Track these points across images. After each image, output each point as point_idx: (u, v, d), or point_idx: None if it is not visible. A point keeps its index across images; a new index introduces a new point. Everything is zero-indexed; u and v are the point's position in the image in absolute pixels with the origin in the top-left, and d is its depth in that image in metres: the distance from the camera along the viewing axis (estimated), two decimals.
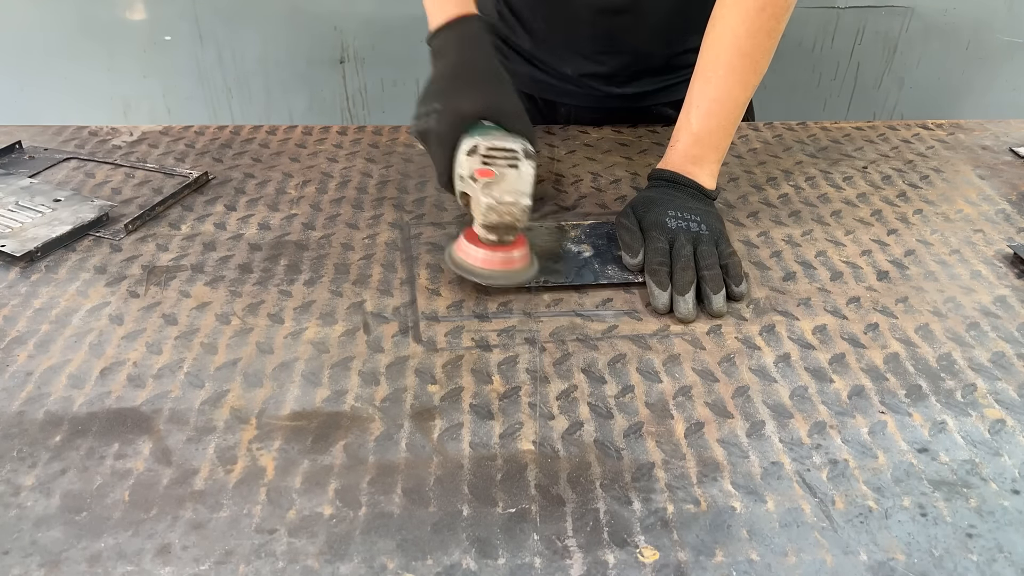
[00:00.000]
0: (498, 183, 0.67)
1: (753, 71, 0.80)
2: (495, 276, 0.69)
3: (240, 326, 0.67)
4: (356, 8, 1.53)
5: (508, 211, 0.67)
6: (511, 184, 0.67)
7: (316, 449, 0.55)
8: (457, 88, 0.73)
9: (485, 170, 0.68)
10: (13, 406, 0.59)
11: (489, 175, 0.67)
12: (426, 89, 0.76)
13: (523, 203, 0.67)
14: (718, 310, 0.69)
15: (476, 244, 0.70)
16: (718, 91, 0.80)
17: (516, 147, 0.69)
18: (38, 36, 1.53)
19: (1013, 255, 0.77)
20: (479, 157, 0.68)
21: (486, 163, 0.68)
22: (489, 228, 0.68)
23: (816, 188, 0.89)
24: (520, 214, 0.67)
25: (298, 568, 0.47)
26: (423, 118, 0.73)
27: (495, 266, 0.69)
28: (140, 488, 0.52)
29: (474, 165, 0.68)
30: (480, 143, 0.69)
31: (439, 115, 0.72)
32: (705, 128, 0.80)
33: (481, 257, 0.69)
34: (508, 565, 0.48)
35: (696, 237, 0.73)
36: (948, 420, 0.59)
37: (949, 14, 1.55)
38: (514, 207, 0.67)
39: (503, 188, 0.67)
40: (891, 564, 0.48)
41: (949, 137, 1.02)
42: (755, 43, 0.78)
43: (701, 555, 0.48)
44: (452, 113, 0.71)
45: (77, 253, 0.76)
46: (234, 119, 1.64)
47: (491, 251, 0.69)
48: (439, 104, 0.72)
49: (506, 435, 0.57)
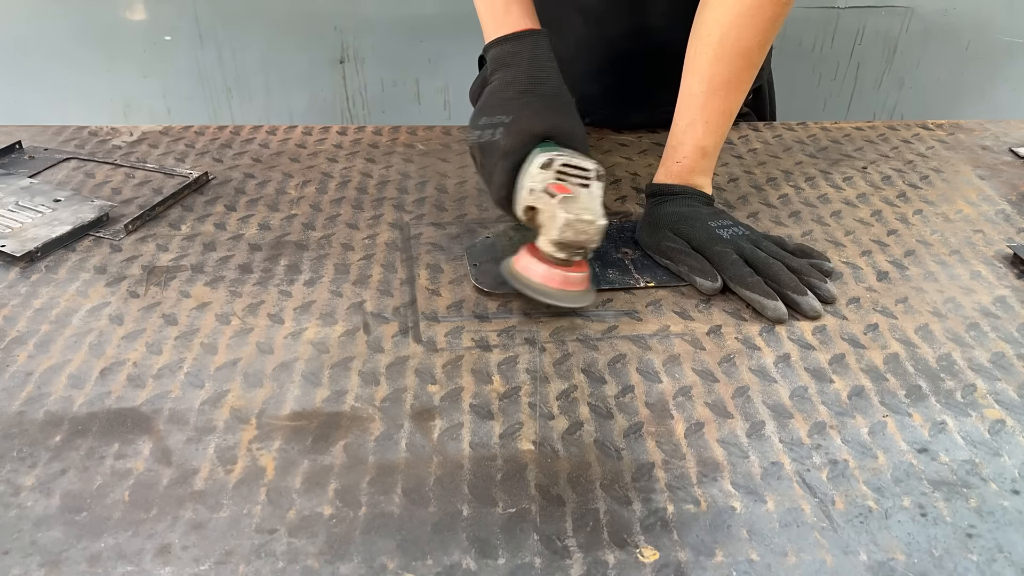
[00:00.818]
0: (575, 201, 0.65)
1: (754, 75, 0.79)
2: (555, 295, 0.67)
3: (240, 326, 0.67)
4: (356, 8, 1.53)
5: (585, 229, 0.65)
6: (587, 202, 0.66)
7: (316, 449, 0.55)
8: (528, 104, 0.71)
9: (562, 185, 0.66)
10: (13, 406, 0.59)
11: (567, 191, 0.65)
12: (489, 100, 0.74)
13: (600, 223, 0.65)
14: (832, 296, 0.70)
15: (539, 259, 0.67)
16: (726, 104, 0.78)
17: (590, 167, 0.67)
18: (38, 36, 1.53)
19: (1013, 255, 0.77)
20: (554, 172, 0.67)
21: (560, 179, 0.66)
22: (561, 245, 0.66)
23: (816, 188, 0.89)
24: (596, 234, 0.65)
25: (298, 568, 0.47)
26: (487, 130, 0.71)
27: (556, 285, 0.67)
28: (140, 488, 0.52)
29: (548, 179, 0.66)
30: (555, 158, 0.67)
31: (507, 128, 0.70)
32: (712, 143, 0.79)
33: (542, 273, 0.67)
34: (508, 565, 0.48)
35: (751, 239, 0.73)
36: (948, 420, 0.59)
37: (949, 14, 1.55)
38: (591, 226, 0.65)
39: (581, 206, 0.65)
40: (891, 564, 0.48)
41: (949, 137, 1.02)
42: (763, 54, 0.78)
43: (701, 555, 0.48)
44: (522, 128, 0.69)
45: (77, 253, 0.76)
46: (234, 119, 1.64)
47: (553, 268, 0.67)
48: (507, 118, 0.70)
49: (506, 435, 0.57)
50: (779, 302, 0.68)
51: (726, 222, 0.75)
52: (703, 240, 0.73)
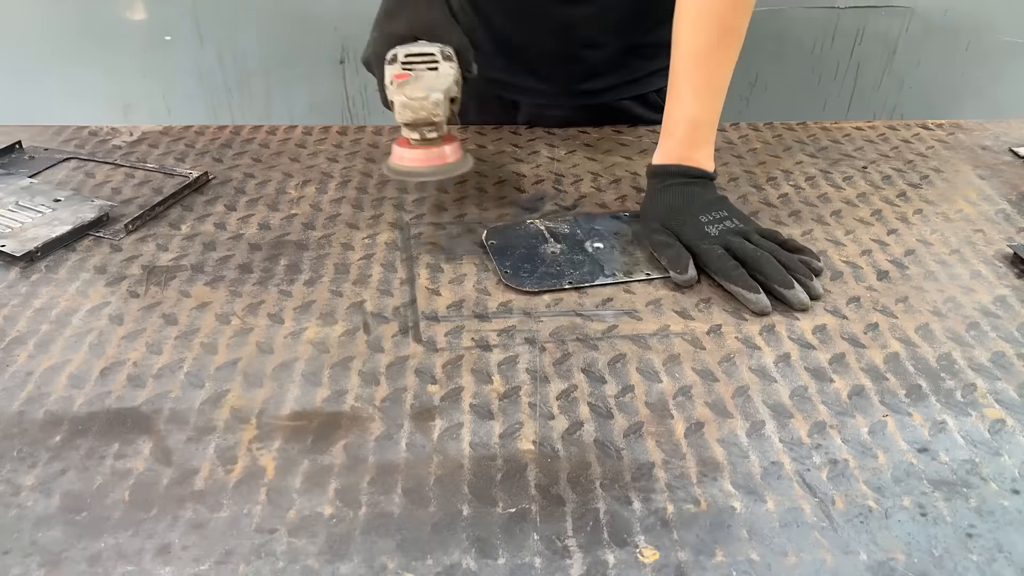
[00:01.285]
0: (411, 83, 0.70)
1: (738, 45, 0.79)
2: (425, 173, 0.72)
3: (240, 326, 0.67)
4: (356, 8, 1.53)
5: (421, 105, 0.69)
6: (424, 82, 0.70)
7: (316, 449, 0.55)
8: (391, 14, 0.78)
9: (402, 73, 0.71)
10: (13, 406, 0.59)
11: (404, 76, 0.71)
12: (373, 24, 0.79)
13: (434, 96, 0.69)
14: (818, 293, 0.70)
15: (405, 146, 0.73)
16: (710, 72, 0.79)
17: (434, 51, 0.72)
18: (38, 36, 1.53)
19: (1013, 255, 0.77)
20: (399, 64, 0.72)
21: (405, 68, 0.71)
22: (409, 127, 0.71)
23: (816, 188, 0.89)
24: (432, 107, 0.70)
25: (298, 568, 0.47)
26: (366, 48, 0.77)
27: (427, 163, 0.72)
28: (140, 488, 0.52)
29: (394, 71, 0.72)
30: (399, 51, 0.73)
31: (374, 40, 0.76)
32: (703, 113, 0.79)
33: (408, 156, 0.72)
34: (508, 565, 0.48)
35: (740, 232, 0.74)
36: (948, 420, 0.59)
37: (949, 14, 1.55)
38: (425, 100, 0.69)
39: (415, 86, 0.70)
40: (891, 564, 0.48)
41: (949, 137, 1.02)
42: (738, 15, 0.78)
43: (701, 555, 0.48)
44: (385, 35, 0.76)
45: (77, 253, 0.76)
46: (234, 119, 1.64)
47: (421, 150, 0.72)
48: (376, 31, 0.77)
49: (506, 435, 0.57)
50: (762, 294, 0.69)
51: (718, 214, 0.76)
52: (691, 238, 0.74)
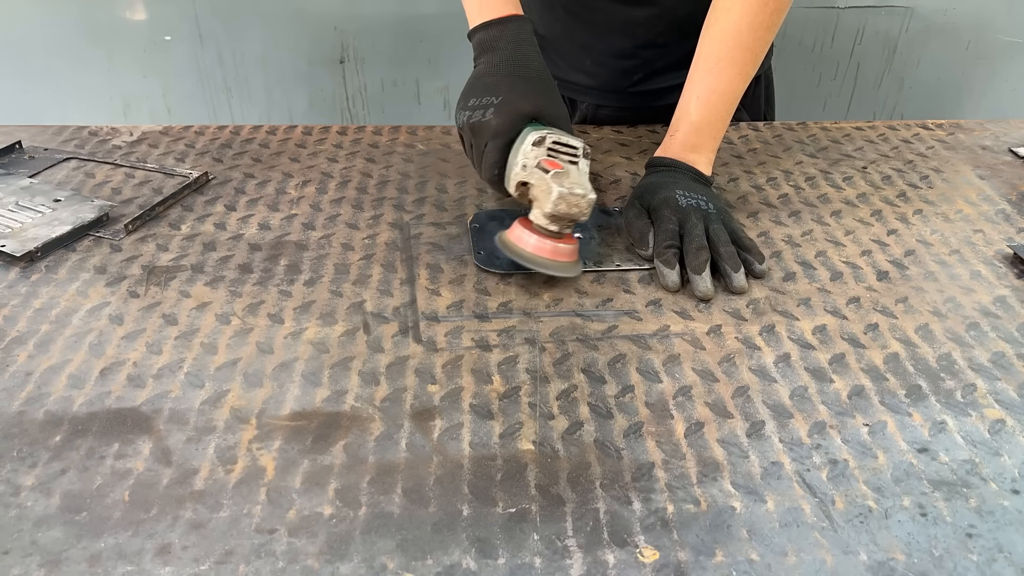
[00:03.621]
0: (567, 176, 0.70)
1: (752, 64, 0.81)
2: (547, 265, 0.71)
3: (240, 326, 0.67)
4: (356, 8, 1.53)
5: (576, 202, 0.69)
6: (577, 178, 0.70)
7: (316, 449, 0.55)
8: (515, 86, 0.75)
9: (554, 161, 0.70)
10: (13, 406, 0.59)
11: (558, 166, 0.70)
12: (476, 83, 0.77)
13: (590, 197, 0.69)
14: (740, 286, 0.71)
15: (530, 230, 0.72)
16: (719, 82, 0.81)
17: (578, 144, 0.72)
18: (38, 36, 1.54)
19: (1013, 255, 0.77)
20: (545, 148, 0.71)
21: (551, 156, 0.71)
22: (554, 218, 0.70)
23: (816, 188, 0.89)
24: (587, 207, 0.69)
25: (298, 568, 0.47)
26: (477, 111, 0.75)
27: (547, 255, 0.71)
28: (140, 488, 0.52)
29: (540, 155, 0.71)
30: (547, 135, 0.72)
31: (496, 109, 0.74)
32: (705, 118, 0.81)
33: (534, 244, 0.71)
34: (508, 565, 0.48)
35: (706, 215, 0.75)
36: (948, 420, 0.59)
37: (949, 14, 1.55)
38: (582, 199, 0.69)
39: (572, 180, 0.69)
40: (891, 564, 0.48)
41: (949, 137, 1.02)
42: (756, 37, 0.80)
43: (701, 555, 0.48)
44: (511, 108, 0.73)
45: (77, 253, 0.76)
46: (234, 119, 1.64)
47: (544, 239, 0.71)
48: (496, 99, 0.74)
49: (506, 435, 0.57)
50: (674, 272, 0.71)
51: (696, 195, 0.77)
52: (658, 205, 0.76)
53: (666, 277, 0.71)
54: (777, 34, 0.83)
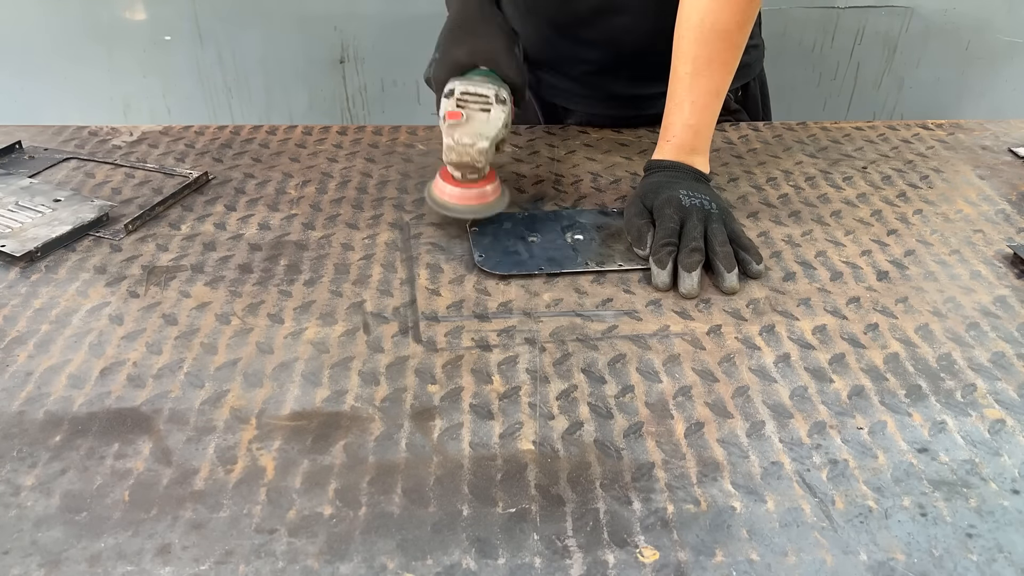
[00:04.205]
0: (462, 125, 0.72)
1: (738, 59, 0.82)
2: (457, 209, 0.75)
3: (240, 326, 0.67)
4: (356, 8, 1.53)
5: (465, 151, 0.71)
6: (475, 127, 0.72)
7: (316, 449, 0.55)
8: (455, 38, 0.79)
9: (454, 112, 0.73)
10: (13, 406, 0.59)
11: (456, 116, 0.72)
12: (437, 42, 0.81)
13: (480, 145, 0.71)
14: (730, 287, 0.71)
15: (449, 181, 0.75)
16: (712, 84, 0.81)
17: (489, 92, 0.74)
18: (38, 36, 1.53)
19: (1013, 255, 0.77)
20: (454, 100, 0.73)
21: (460, 106, 0.73)
22: (452, 167, 0.73)
23: (816, 188, 0.89)
24: (477, 155, 0.72)
25: (298, 568, 0.47)
26: (428, 67, 0.79)
27: (466, 201, 0.74)
28: (140, 488, 0.52)
29: (448, 107, 0.73)
30: (456, 86, 0.74)
31: (437, 63, 0.78)
32: (701, 121, 0.82)
33: (453, 193, 0.75)
34: (508, 565, 0.48)
35: (708, 215, 0.75)
36: (948, 420, 0.59)
37: (949, 14, 1.55)
38: (471, 148, 0.71)
39: (465, 130, 0.71)
40: (891, 564, 0.48)
41: (949, 137, 1.02)
42: (743, 34, 0.81)
43: (701, 555, 0.48)
44: (447, 60, 0.77)
45: (77, 253, 0.76)
46: (234, 119, 1.64)
47: (464, 188, 0.74)
48: (437, 54, 0.78)
49: (506, 435, 0.57)
50: (664, 272, 0.71)
51: (700, 194, 0.77)
52: (661, 204, 0.76)
53: (656, 277, 0.72)
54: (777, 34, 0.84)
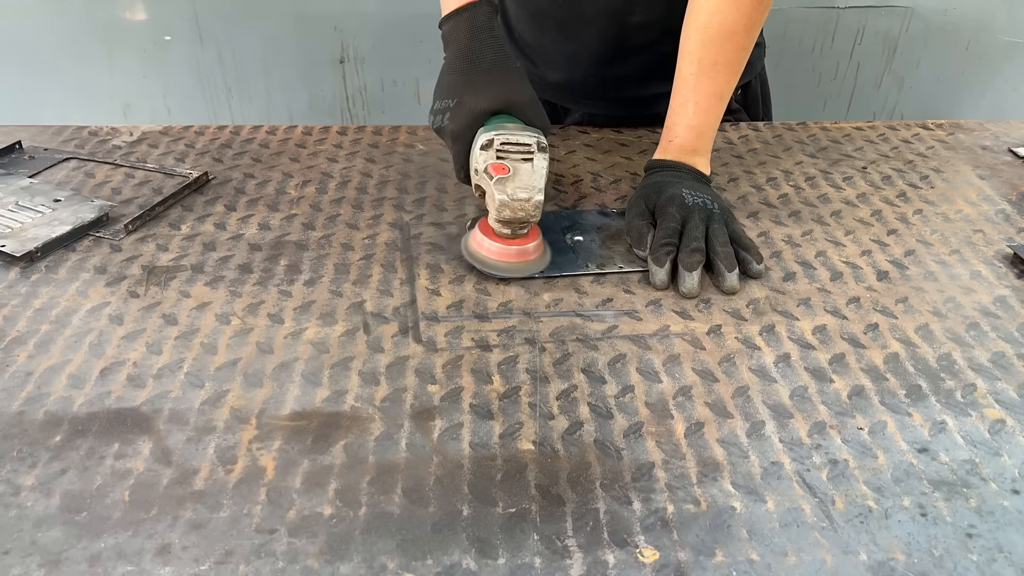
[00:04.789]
0: (512, 179, 0.69)
1: (744, 62, 0.82)
2: (510, 269, 0.71)
3: (240, 326, 0.67)
4: (356, 8, 1.53)
5: (521, 207, 0.68)
6: (524, 179, 0.69)
7: (316, 449, 0.55)
8: (470, 83, 0.73)
9: (499, 165, 0.69)
10: (13, 406, 0.59)
11: (503, 171, 0.69)
12: (439, 83, 0.76)
13: (536, 199, 0.68)
14: (731, 287, 0.71)
15: (491, 237, 0.71)
16: (716, 86, 0.81)
17: (530, 141, 0.70)
18: (39, 36, 1.53)
19: (1013, 255, 0.77)
20: (493, 152, 0.70)
21: (500, 157, 0.70)
22: (503, 223, 0.70)
23: (816, 188, 0.89)
24: (533, 210, 0.69)
25: (298, 568, 0.47)
26: (438, 115, 0.74)
27: (510, 259, 0.71)
28: (140, 488, 0.52)
29: (488, 160, 0.70)
30: (494, 138, 0.70)
31: (452, 112, 0.73)
32: (704, 121, 0.82)
33: (496, 250, 0.71)
34: (508, 565, 0.48)
35: (710, 215, 0.75)
36: (948, 420, 0.59)
37: (949, 14, 1.55)
38: (527, 203, 0.68)
39: (516, 184, 0.68)
40: (891, 564, 0.48)
41: (949, 137, 1.02)
42: (750, 36, 0.81)
43: (701, 555, 0.48)
44: (466, 110, 0.72)
45: (77, 253, 0.76)
46: (234, 119, 1.64)
47: (505, 244, 0.71)
48: (452, 101, 0.73)
49: (506, 435, 0.57)
50: (663, 271, 0.71)
51: (701, 194, 0.76)
52: (664, 203, 0.75)
53: (653, 275, 0.71)
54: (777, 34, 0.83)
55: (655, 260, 0.72)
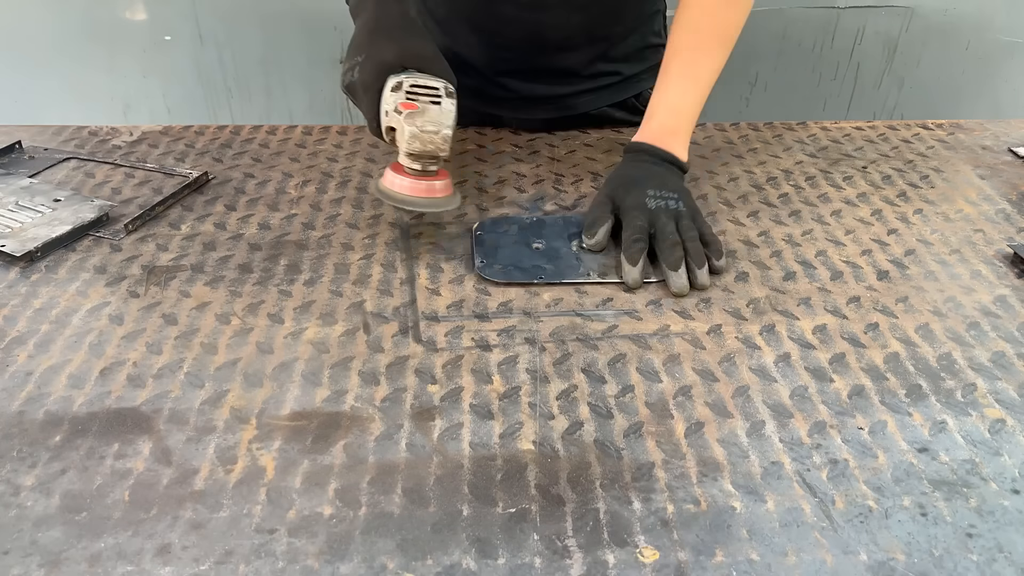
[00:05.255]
0: (421, 114, 0.72)
1: (725, 52, 0.84)
2: (419, 203, 0.74)
3: (240, 326, 0.67)
4: None
5: (430, 139, 0.71)
6: (434, 116, 0.72)
7: (316, 449, 0.55)
8: (377, 40, 0.77)
9: (409, 103, 0.73)
10: (13, 406, 0.59)
11: (413, 107, 0.72)
12: (349, 47, 0.79)
13: (444, 132, 0.72)
14: (702, 283, 0.71)
15: (401, 174, 0.74)
16: (696, 70, 0.83)
17: (438, 85, 0.74)
18: (38, 36, 1.53)
19: (1013, 255, 0.77)
20: (403, 92, 0.73)
21: (410, 98, 0.73)
22: (413, 156, 0.73)
23: (816, 188, 0.89)
24: (441, 142, 0.72)
25: (298, 568, 0.47)
26: (348, 72, 0.77)
27: (419, 194, 0.74)
28: (140, 488, 0.52)
29: (399, 99, 0.73)
30: (404, 80, 0.74)
31: (361, 66, 0.76)
32: (683, 103, 0.83)
33: (406, 185, 0.74)
34: (508, 565, 0.48)
35: (676, 214, 0.76)
36: (948, 420, 0.59)
37: (949, 14, 1.55)
38: (436, 135, 0.71)
39: (426, 119, 0.72)
40: (891, 564, 0.48)
41: (949, 137, 1.02)
42: (735, 29, 0.83)
43: (701, 555, 0.48)
44: (375, 62, 0.76)
45: (77, 253, 0.76)
46: (234, 119, 1.64)
47: (415, 180, 0.74)
48: (360, 56, 0.77)
49: (506, 435, 0.57)
50: (636, 270, 0.72)
51: (663, 193, 0.77)
52: (629, 205, 0.77)
53: (628, 274, 0.72)
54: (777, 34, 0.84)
55: (628, 258, 0.72)
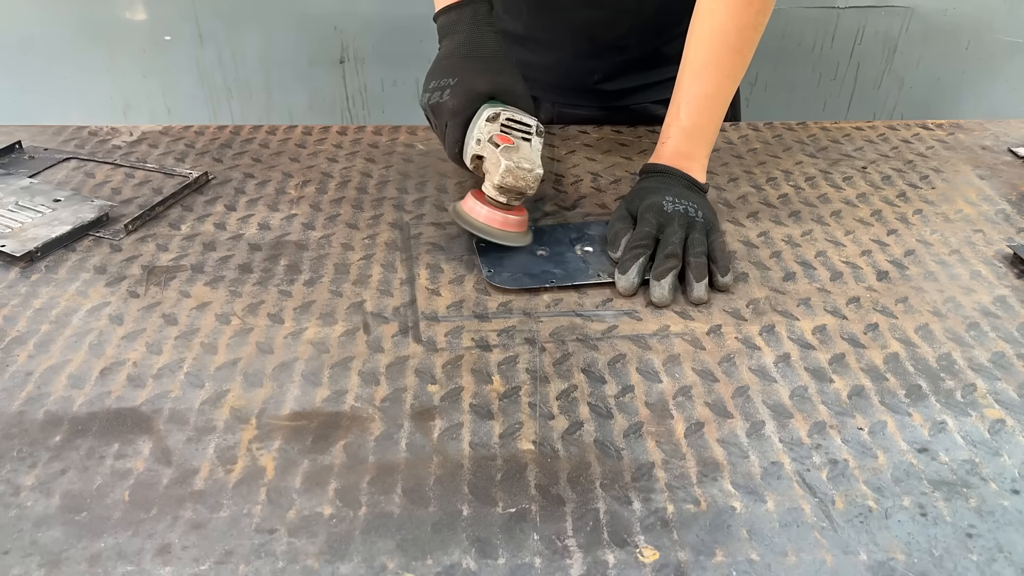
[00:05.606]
0: (516, 150, 0.73)
1: (741, 66, 0.82)
2: (495, 234, 0.74)
3: (240, 326, 0.67)
4: (356, 8, 1.53)
5: (523, 176, 0.72)
6: (527, 154, 0.73)
7: (316, 449, 0.55)
8: (471, 66, 0.77)
9: (505, 136, 0.73)
10: (13, 406, 0.59)
11: (509, 141, 0.73)
12: (437, 65, 0.79)
13: (537, 171, 0.72)
14: (697, 298, 0.70)
15: (482, 202, 0.75)
16: (707, 87, 0.81)
17: (531, 123, 0.76)
18: (39, 36, 1.54)
19: (1013, 255, 0.77)
20: (499, 124, 0.74)
21: (504, 132, 0.74)
22: (502, 190, 0.73)
23: (816, 188, 0.89)
24: (533, 181, 0.72)
25: (298, 568, 0.47)
26: (436, 92, 0.77)
27: (497, 225, 0.74)
28: (140, 488, 0.52)
29: (493, 131, 0.74)
30: (501, 112, 0.75)
31: (453, 89, 0.76)
32: (696, 124, 0.81)
33: (484, 214, 0.74)
34: (508, 565, 0.48)
35: (691, 223, 0.74)
36: (948, 420, 0.59)
37: (949, 14, 1.55)
38: (529, 174, 0.72)
39: (521, 155, 0.72)
40: (891, 564, 0.48)
41: (949, 137, 1.02)
42: (743, 38, 0.80)
43: (701, 555, 0.48)
44: (467, 88, 0.76)
45: (77, 253, 0.76)
46: (234, 119, 1.64)
47: (494, 210, 0.74)
48: (452, 80, 0.76)
49: (506, 435, 0.57)
50: (626, 277, 0.71)
51: (682, 200, 0.76)
52: (646, 206, 0.76)
53: (618, 281, 0.71)
54: (777, 34, 0.83)
55: (620, 267, 0.71)
